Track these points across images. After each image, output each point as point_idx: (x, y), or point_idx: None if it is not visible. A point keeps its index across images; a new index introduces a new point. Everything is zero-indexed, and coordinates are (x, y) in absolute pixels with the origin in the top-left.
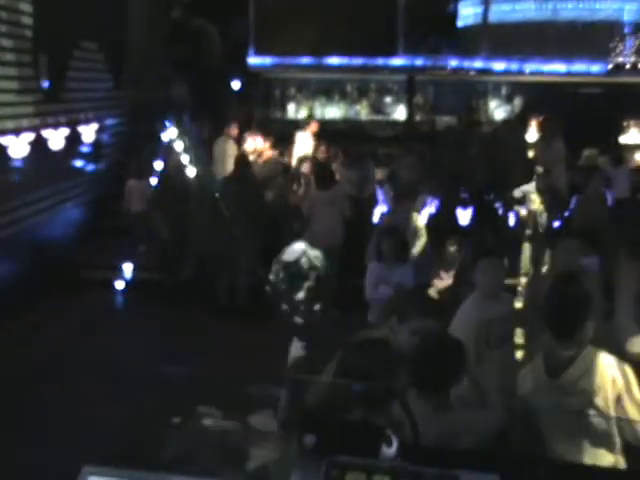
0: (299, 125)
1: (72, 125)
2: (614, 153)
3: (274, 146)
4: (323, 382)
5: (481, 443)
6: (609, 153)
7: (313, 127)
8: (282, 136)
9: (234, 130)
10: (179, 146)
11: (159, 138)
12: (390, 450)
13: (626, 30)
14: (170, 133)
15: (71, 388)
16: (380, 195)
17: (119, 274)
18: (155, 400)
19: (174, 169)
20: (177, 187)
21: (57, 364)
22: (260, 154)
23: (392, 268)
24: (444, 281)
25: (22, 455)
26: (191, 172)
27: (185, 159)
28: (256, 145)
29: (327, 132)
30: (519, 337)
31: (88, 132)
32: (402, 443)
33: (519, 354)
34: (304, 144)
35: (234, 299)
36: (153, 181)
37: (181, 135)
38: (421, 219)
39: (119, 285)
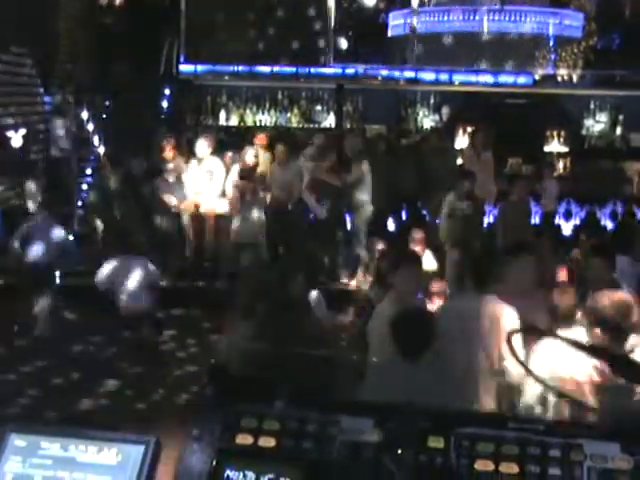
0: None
1: None
2: (539, 161)
3: None
4: None
5: None
6: (533, 162)
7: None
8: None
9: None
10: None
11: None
12: (281, 400)
13: (551, 43)
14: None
15: None
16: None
17: None
18: None
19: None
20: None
21: None
22: None
23: None
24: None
25: None
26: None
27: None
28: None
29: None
30: None
31: (16, 137)
32: (292, 394)
33: None
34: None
35: None
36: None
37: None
38: None
39: None
